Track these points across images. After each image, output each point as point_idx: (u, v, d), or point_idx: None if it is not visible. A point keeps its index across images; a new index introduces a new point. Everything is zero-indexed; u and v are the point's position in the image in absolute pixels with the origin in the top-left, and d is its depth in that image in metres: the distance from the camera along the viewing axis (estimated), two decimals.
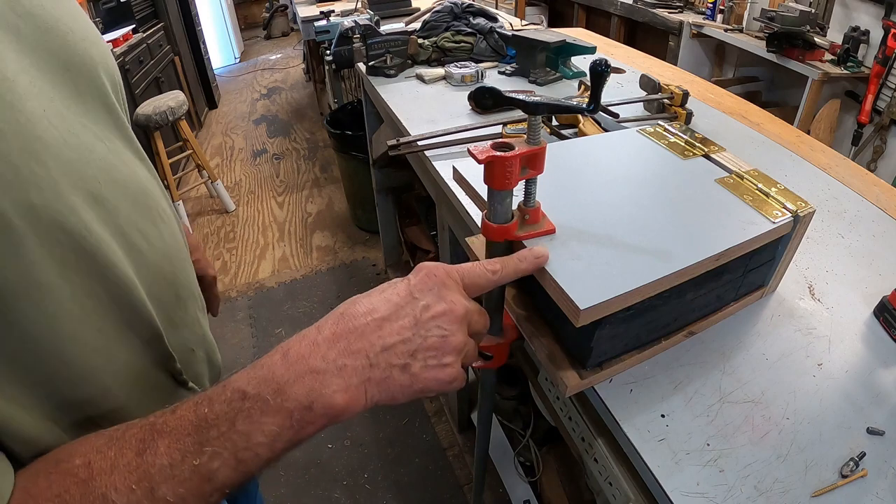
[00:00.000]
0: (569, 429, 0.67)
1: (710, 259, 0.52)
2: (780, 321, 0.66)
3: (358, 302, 0.40)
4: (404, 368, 0.38)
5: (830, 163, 1.03)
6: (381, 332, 0.38)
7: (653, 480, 0.49)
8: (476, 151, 0.43)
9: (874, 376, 0.59)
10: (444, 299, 0.40)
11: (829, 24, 2.48)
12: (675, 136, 0.72)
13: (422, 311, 0.39)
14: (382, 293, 0.40)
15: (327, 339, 0.37)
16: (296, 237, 2.78)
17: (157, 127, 2.48)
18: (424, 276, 0.41)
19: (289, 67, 5.61)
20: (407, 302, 0.39)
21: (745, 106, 1.31)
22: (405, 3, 2.54)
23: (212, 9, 5.43)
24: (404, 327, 0.38)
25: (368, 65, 1.49)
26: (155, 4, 3.50)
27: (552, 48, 1.41)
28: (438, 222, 1.24)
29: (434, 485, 1.57)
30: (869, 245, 0.80)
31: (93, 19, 2.53)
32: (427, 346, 0.39)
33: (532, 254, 0.48)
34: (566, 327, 0.52)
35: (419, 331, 0.38)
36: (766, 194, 0.61)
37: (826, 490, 0.48)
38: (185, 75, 3.78)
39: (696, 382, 0.57)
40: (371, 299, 0.40)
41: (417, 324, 0.39)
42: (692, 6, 3.09)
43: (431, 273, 0.41)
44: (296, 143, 3.88)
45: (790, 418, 0.54)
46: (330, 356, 0.36)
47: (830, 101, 2.38)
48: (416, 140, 1.07)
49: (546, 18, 3.16)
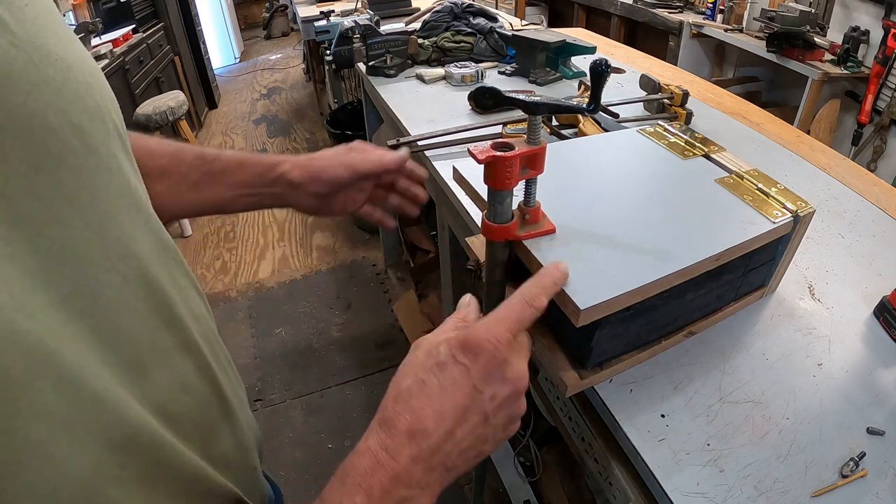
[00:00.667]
0: (569, 429, 0.67)
1: (710, 259, 0.52)
2: (780, 321, 0.66)
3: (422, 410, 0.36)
4: (478, 456, 0.38)
5: (830, 163, 1.03)
6: (454, 439, 0.36)
7: (653, 480, 0.49)
8: (476, 151, 0.43)
9: (874, 376, 0.59)
10: (509, 380, 0.38)
11: (829, 24, 2.48)
12: (675, 136, 0.72)
13: (490, 403, 0.37)
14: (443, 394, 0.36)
15: (407, 468, 0.35)
16: (296, 237, 2.78)
17: (157, 127, 2.48)
18: (487, 364, 0.37)
19: (289, 67, 5.61)
20: (473, 400, 0.37)
21: (745, 106, 1.31)
22: (405, 3, 2.54)
23: (212, 9, 5.43)
24: (476, 425, 0.37)
25: (368, 65, 1.49)
26: (155, 4, 3.50)
27: (552, 48, 1.41)
28: (438, 222, 1.24)
29: None
30: (869, 245, 0.80)
31: (93, 19, 2.53)
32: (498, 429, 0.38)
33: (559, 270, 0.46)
34: (566, 327, 0.52)
35: (489, 421, 0.37)
36: (766, 194, 0.61)
37: (826, 490, 0.48)
38: (185, 75, 3.78)
39: (696, 382, 0.57)
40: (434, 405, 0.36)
41: (487, 418, 0.37)
42: (692, 6, 3.09)
43: (492, 357, 0.37)
44: (296, 143, 3.88)
45: (790, 418, 0.54)
46: (413, 481, 0.35)
47: (830, 101, 2.38)
48: (416, 140, 1.07)
49: (546, 18, 3.16)
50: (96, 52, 2.37)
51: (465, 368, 0.37)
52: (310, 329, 2.16)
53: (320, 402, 1.86)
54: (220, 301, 2.32)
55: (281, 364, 2.01)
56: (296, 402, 1.86)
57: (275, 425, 1.78)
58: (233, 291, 2.40)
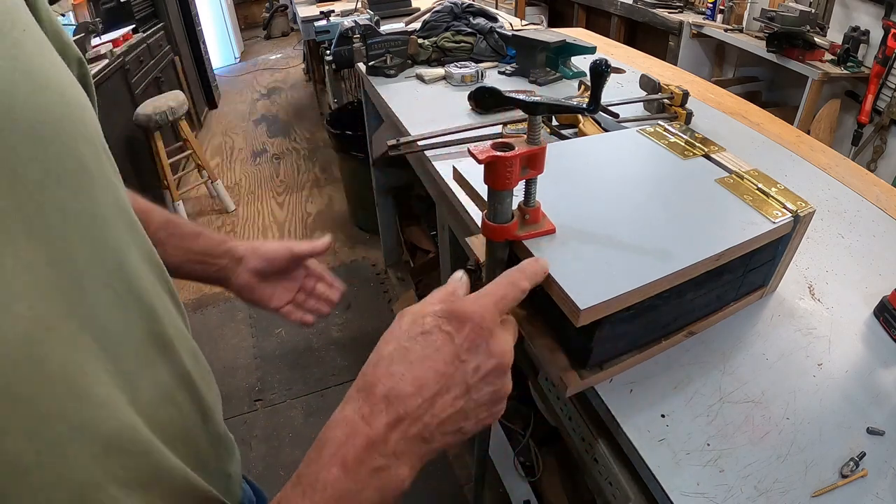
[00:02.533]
0: (569, 429, 0.67)
1: (710, 259, 0.52)
2: (780, 321, 0.66)
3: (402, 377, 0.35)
4: (458, 432, 0.37)
5: (830, 163, 1.03)
6: (433, 409, 0.35)
7: (653, 480, 0.49)
8: (476, 151, 0.43)
9: (874, 376, 0.59)
10: (494, 354, 0.37)
11: (829, 24, 2.48)
12: (675, 136, 0.72)
13: (472, 375, 0.36)
14: (425, 361, 0.36)
15: (382, 435, 0.34)
16: (296, 237, 2.78)
17: (157, 127, 2.48)
18: (471, 334, 0.37)
19: (289, 67, 5.61)
20: (456, 368, 0.36)
21: (745, 106, 1.31)
22: (405, 3, 2.54)
23: (212, 9, 5.43)
24: (457, 397, 0.36)
25: (368, 65, 1.49)
26: (155, 4, 3.50)
27: (552, 48, 1.41)
28: (438, 222, 1.24)
29: (434, 485, 1.57)
30: (869, 245, 0.80)
31: (93, 19, 2.53)
32: (480, 404, 0.37)
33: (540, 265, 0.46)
34: (566, 327, 0.52)
35: (471, 395, 0.37)
36: (766, 194, 0.61)
37: (826, 490, 0.48)
38: (185, 75, 3.78)
39: (696, 382, 0.57)
40: (415, 371, 0.35)
41: (469, 390, 0.36)
42: (692, 6, 3.09)
43: (478, 327, 0.37)
44: (296, 143, 3.88)
45: (790, 418, 0.54)
46: (389, 450, 0.34)
47: (830, 101, 2.38)
48: (416, 140, 1.07)
49: (546, 18, 3.16)
50: (96, 52, 2.37)
51: (450, 337, 0.37)
52: (310, 329, 2.16)
53: (320, 402, 1.86)
54: (220, 301, 2.32)
55: (281, 364, 2.01)
56: (296, 402, 1.86)
57: (275, 425, 1.78)
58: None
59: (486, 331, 0.37)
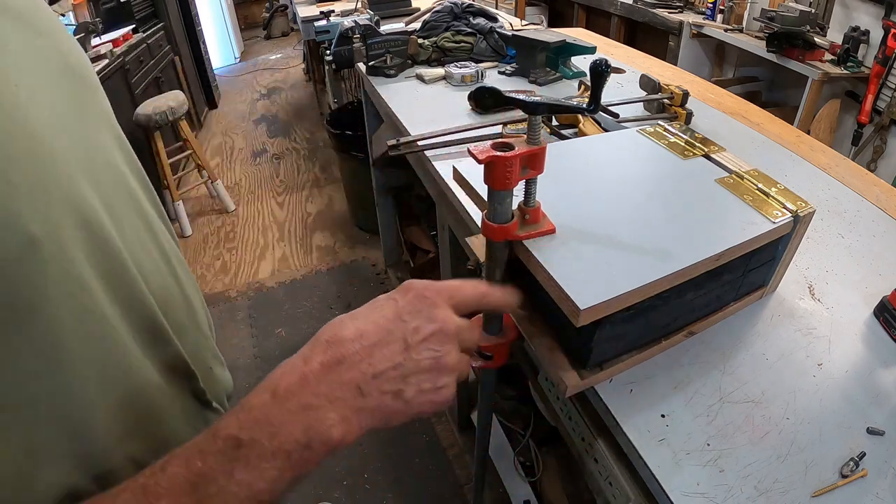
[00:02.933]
0: (569, 429, 0.67)
1: (710, 259, 0.52)
2: (780, 321, 0.66)
3: (344, 325, 0.38)
4: (397, 395, 0.37)
5: (830, 163, 1.03)
6: (371, 359, 0.36)
7: (653, 480, 0.49)
8: (476, 151, 0.43)
9: (874, 376, 0.59)
10: (435, 319, 0.39)
11: (829, 24, 2.48)
12: (675, 136, 0.72)
13: (412, 334, 0.38)
14: (369, 316, 0.38)
15: (316, 372, 0.35)
16: (296, 237, 2.78)
17: (157, 127, 2.48)
18: (413, 298, 0.39)
19: (289, 67, 5.61)
20: (396, 325, 0.38)
21: (745, 106, 1.31)
22: (405, 3, 2.54)
23: (212, 9, 5.42)
24: (395, 352, 0.37)
25: (368, 65, 1.49)
26: (155, 4, 3.50)
27: (552, 48, 1.41)
28: (438, 222, 1.24)
29: (434, 485, 1.57)
30: (869, 245, 0.80)
31: (93, 19, 2.53)
32: (420, 370, 0.37)
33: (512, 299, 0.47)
34: (566, 327, 0.52)
35: (410, 354, 0.37)
36: (766, 194, 0.61)
37: (826, 490, 0.48)
38: (185, 75, 3.78)
39: (696, 382, 0.57)
40: (357, 323, 0.38)
41: (408, 348, 0.37)
42: (692, 6, 3.09)
43: (420, 294, 0.39)
44: (296, 143, 3.88)
45: (790, 418, 0.54)
46: (321, 390, 0.35)
47: (830, 101, 2.38)
48: (416, 140, 1.07)
49: (546, 18, 3.16)
50: (96, 52, 2.37)
51: (394, 302, 0.40)
52: (310, 329, 2.16)
53: None
54: (220, 301, 2.32)
55: None
56: None
57: None
58: (233, 291, 2.40)
59: (429, 301, 0.40)
